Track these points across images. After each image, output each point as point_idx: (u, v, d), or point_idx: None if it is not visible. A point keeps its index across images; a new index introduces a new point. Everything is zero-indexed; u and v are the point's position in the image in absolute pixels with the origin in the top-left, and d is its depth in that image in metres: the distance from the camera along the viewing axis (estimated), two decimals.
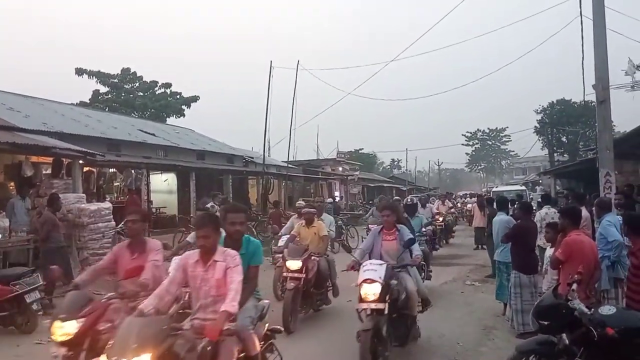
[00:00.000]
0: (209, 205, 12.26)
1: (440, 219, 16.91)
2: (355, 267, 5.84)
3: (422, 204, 14.36)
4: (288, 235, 9.28)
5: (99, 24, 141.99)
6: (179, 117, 38.28)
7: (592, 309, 4.30)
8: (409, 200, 12.52)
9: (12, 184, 13.27)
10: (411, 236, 5.95)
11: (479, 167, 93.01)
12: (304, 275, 7.35)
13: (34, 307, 7.18)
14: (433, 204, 17.96)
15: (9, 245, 9.93)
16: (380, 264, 5.54)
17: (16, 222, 10.63)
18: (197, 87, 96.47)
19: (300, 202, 11.27)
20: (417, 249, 6.00)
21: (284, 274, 7.55)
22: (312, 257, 7.69)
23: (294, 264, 7.40)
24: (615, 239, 6.14)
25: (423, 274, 8.94)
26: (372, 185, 41.99)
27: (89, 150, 13.27)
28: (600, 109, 9.55)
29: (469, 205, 26.72)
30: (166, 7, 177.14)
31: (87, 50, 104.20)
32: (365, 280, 5.39)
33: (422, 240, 9.91)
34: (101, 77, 36.65)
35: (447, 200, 22.98)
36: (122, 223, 11.69)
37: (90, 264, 10.92)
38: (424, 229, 10.53)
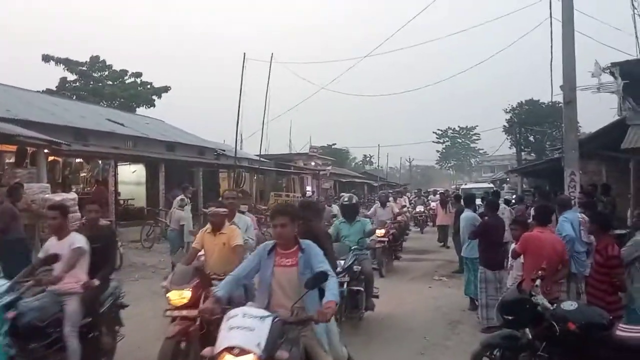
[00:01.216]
0: (179, 198, 12.11)
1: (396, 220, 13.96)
2: (215, 311, 3.60)
3: (382, 202, 13.10)
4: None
5: (68, 9, 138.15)
6: (149, 107, 37.57)
7: (555, 304, 4.40)
8: (345, 199, 8.28)
9: None
10: (323, 266, 3.62)
11: (449, 165, 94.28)
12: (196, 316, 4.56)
13: None
14: (396, 202, 15.89)
15: None
16: (261, 318, 3.16)
17: None
18: (169, 78, 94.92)
19: (232, 192, 6.88)
20: (333, 289, 3.50)
21: (167, 312, 4.85)
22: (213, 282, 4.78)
23: (178, 296, 4.78)
24: (567, 234, 6.35)
25: (362, 305, 6.98)
26: (344, 180, 42.14)
27: (54, 139, 12.91)
28: (566, 109, 9.78)
29: (432, 204, 23.58)
30: None
31: (54, 36, 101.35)
32: (227, 350, 2.99)
33: (365, 255, 7.45)
34: (69, 64, 35.65)
35: (400, 197, 18.96)
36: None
37: None
38: (369, 239, 7.81)
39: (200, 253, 5.54)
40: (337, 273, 5.66)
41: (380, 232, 10.48)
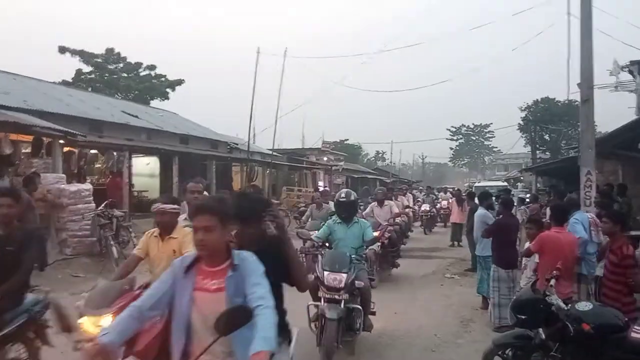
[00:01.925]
0: None
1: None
2: None
3: (378, 200, 11.21)
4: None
5: (84, 2, 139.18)
6: (163, 100, 37.78)
7: (569, 305, 4.36)
8: (342, 195, 6.56)
9: None
10: (255, 292, 2.46)
11: (462, 162, 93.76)
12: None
13: None
14: (400, 200, 14.80)
15: None
16: None
17: None
18: (183, 71, 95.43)
19: (197, 185, 5.66)
20: (264, 331, 2.31)
21: (79, 345, 3.74)
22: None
23: (93, 323, 3.66)
24: (580, 236, 6.28)
25: (358, 326, 5.65)
26: (356, 176, 42.06)
27: (70, 130, 13.03)
28: (583, 107, 9.64)
29: (443, 202, 22.49)
30: None
31: (70, 28, 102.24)
32: None
33: (362, 265, 6.03)
34: (85, 56, 35.95)
35: (403, 195, 17.08)
36: (102, 205, 11.57)
37: (68, 245, 10.79)
38: (366, 250, 6.35)
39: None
40: (336, 290, 5.25)
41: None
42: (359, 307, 5.57)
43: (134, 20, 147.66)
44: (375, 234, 8.48)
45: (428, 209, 20.51)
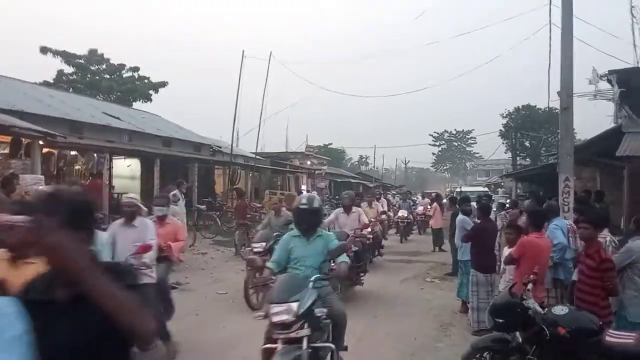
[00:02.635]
0: (172, 194, 12.05)
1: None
2: None
3: (345, 206, 9.44)
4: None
5: (66, 3, 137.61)
6: (146, 102, 37.39)
7: (546, 309, 4.42)
8: (303, 201, 5.17)
9: None
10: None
11: (445, 168, 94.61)
12: None
13: None
14: (375, 206, 13.44)
15: None
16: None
17: None
18: (166, 73, 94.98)
19: (131, 200, 6.08)
20: None
21: None
22: None
23: None
24: (559, 242, 6.37)
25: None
26: (340, 180, 42.17)
27: (49, 131, 12.83)
28: (563, 115, 9.79)
29: (419, 208, 21.62)
30: None
31: (52, 28, 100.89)
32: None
33: (328, 287, 4.82)
34: (66, 56, 35.48)
35: (378, 201, 15.29)
36: None
37: None
38: (333, 264, 5.04)
39: None
40: (284, 326, 3.94)
41: None
42: (329, 345, 4.30)
43: (118, 21, 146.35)
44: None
45: (405, 215, 19.05)
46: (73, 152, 16.37)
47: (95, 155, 16.03)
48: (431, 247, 16.13)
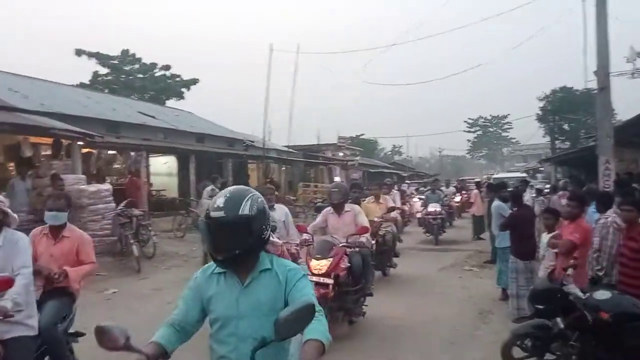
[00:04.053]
0: (209, 189, 12.28)
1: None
2: None
3: (335, 205, 6.78)
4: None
5: (98, 6, 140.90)
6: (179, 99, 38.17)
7: (587, 294, 4.33)
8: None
9: (12, 164, 13.26)
10: None
11: (480, 154, 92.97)
12: None
13: None
14: (378, 201, 9.64)
15: None
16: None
17: (16, 202, 10.62)
18: (198, 70, 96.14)
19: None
20: None
21: None
22: None
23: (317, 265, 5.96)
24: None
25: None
26: (373, 170, 42.00)
27: (88, 132, 13.22)
28: (600, 96, 9.53)
29: (456, 198, 19.88)
30: None
31: (86, 31, 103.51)
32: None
33: None
34: (101, 58, 36.46)
35: (388, 193, 11.55)
36: (122, 205, 11.73)
37: None
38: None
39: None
40: None
41: (317, 266, 5.75)
42: None
43: (147, 20, 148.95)
44: (321, 264, 5.74)
45: (437, 209, 15.14)
46: (111, 152, 16.82)
47: (132, 153, 16.42)
48: (469, 234, 15.91)
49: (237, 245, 2.06)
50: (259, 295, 2.15)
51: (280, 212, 6.53)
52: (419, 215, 18.04)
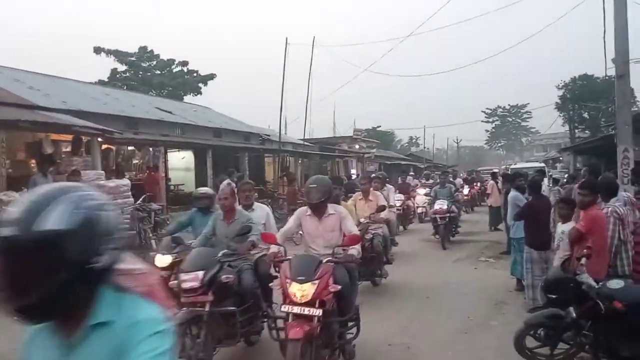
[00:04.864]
0: (225, 183, 12.41)
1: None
2: None
3: (312, 206, 4.99)
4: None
5: (116, 2, 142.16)
6: (196, 95, 38.45)
7: (600, 283, 4.32)
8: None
9: (33, 161, 13.56)
10: None
11: (499, 144, 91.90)
12: None
13: None
14: (367, 199, 8.26)
15: None
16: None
17: None
18: (214, 65, 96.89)
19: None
20: None
21: None
22: None
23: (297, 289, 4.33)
24: None
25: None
26: (389, 162, 41.85)
27: (107, 128, 13.45)
28: (619, 83, 9.37)
29: (464, 191, 18.95)
30: None
31: (104, 29, 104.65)
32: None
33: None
34: (119, 55, 36.88)
35: (382, 189, 9.57)
36: (140, 199, 11.93)
37: None
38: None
39: None
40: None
41: (300, 291, 4.31)
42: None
43: (163, 16, 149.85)
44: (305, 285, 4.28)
45: (445, 207, 12.69)
46: (130, 148, 17.07)
47: (150, 149, 16.65)
48: (486, 226, 15.77)
49: (36, 284, 1.20)
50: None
51: (259, 213, 5.86)
52: (419, 210, 17.06)
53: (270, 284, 4.96)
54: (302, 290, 4.25)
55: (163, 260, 5.46)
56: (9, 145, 12.54)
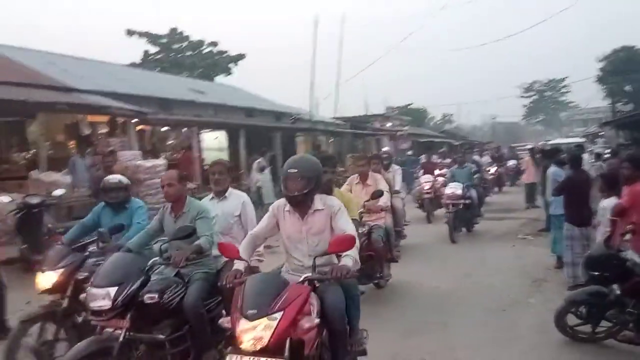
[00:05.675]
0: (257, 162, 12.50)
1: None
2: None
3: (292, 199, 3.38)
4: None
5: None
6: (227, 75, 38.59)
7: None
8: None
9: (72, 142, 13.89)
10: None
11: (537, 120, 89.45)
12: None
13: None
14: (364, 183, 6.72)
15: (72, 200, 10.52)
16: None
17: (77, 178, 11.18)
18: (243, 45, 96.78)
19: None
20: None
21: None
22: None
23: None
24: None
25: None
26: (422, 140, 41.32)
27: (141, 109, 13.63)
28: None
29: (491, 169, 18.05)
30: None
31: (136, 11, 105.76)
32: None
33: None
34: (150, 37, 37.21)
35: (386, 171, 8.30)
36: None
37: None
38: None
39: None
40: None
41: (248, 335, 2.74)
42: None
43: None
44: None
45: (459, 192, 10.66)
46: (164, 128, 17.30)
47: (184, 129, 16.83)
48: (522, 204, 15.46)
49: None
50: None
51: (233, 203, 4.55)
52: (425, 196, 13.56)
53: (220, 320, 3.21)
54: (253, 332, 2.72)
55: (45, 279, 4.16)
56: (48, 127, 12.88)
